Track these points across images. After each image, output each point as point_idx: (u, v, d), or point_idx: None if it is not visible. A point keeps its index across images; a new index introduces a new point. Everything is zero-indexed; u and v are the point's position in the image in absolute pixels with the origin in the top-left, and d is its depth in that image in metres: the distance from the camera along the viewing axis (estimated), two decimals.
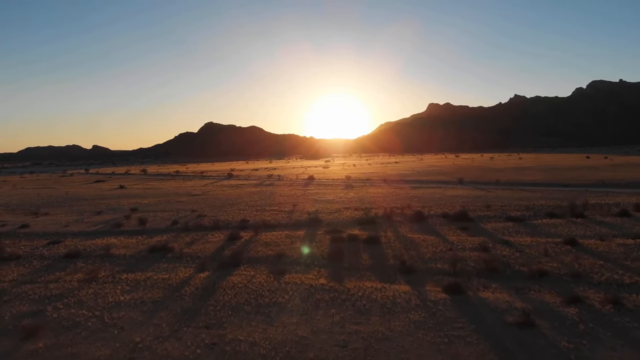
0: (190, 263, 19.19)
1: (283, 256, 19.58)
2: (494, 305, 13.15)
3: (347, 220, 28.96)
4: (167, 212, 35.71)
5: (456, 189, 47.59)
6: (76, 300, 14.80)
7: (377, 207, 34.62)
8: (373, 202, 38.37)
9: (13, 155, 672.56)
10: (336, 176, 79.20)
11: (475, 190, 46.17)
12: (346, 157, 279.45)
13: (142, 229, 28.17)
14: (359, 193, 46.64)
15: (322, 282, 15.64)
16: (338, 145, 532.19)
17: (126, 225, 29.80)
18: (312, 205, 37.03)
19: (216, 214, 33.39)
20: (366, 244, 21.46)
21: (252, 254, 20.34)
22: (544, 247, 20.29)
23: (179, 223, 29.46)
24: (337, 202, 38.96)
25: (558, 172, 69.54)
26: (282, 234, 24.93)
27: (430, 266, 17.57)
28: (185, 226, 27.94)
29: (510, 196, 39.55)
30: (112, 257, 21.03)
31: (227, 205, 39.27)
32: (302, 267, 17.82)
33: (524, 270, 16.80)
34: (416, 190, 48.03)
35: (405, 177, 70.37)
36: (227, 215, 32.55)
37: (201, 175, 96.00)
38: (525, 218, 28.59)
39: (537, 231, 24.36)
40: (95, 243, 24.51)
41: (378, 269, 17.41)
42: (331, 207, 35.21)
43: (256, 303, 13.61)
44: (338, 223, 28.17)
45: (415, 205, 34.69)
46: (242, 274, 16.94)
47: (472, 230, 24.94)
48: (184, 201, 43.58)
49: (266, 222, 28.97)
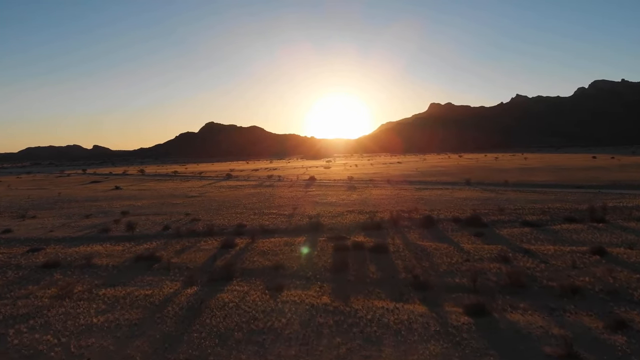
0: (178, 275, 17.24)
1: (281, 268, 17.61)
2: (527, 331, 11.18)
3: (351, 225, 26.99)
4: (160, 216, 33.78)
5: (464, 191, 45.60)
6: (43, 322, 12.86)
7: (382, 210, 32.65)
8: (377, 204, 36.40)
9: (13, 155, 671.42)
10: (338, 177, 77.24)
11: (484, 192, 44.18)
12: (347, 157, 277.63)
13: (130, 235, 26.23)
14: (362, 195, 44.67)
15: (324, 300, 13.67)
16: (339, 145, 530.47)
17: (114, 231, 27.85)
18: (313, 208, 35.07)
19: (211, 218, 31.44)
20: (373, 253, 19.48)
21: (247, 264, 18.38)
22: (570, 257, 18.31)
23: (170, 228, 27.52)
24: (340, 205, 37.00)
25: (567, 173, 67.50)
26: (280, 240, 22.97)
27: (447, 280, 15.60)
28: (177, 232, 26.00)
29: (522, 198, 37.55)
30: (93, 268, 19.08)
31: (223, 208, 37.32)
32: (302, 282, 15.86)
33: (554, 286, 14.84)
34: (422, 191, 46.04)
35: (409, 177, 68.37)
36: (223, 220, 30.60)
37: (200, 176, 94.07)
38: (542, 223, 26.61)
39: (559, 238, 22.37)
40: (78, 251, 22.58)
41: (388, 283, 15.44)
42: (333, 210, 33.24)
43: (248, 328, 11.63)
44: (341, 228, 26.21)
45: (422, 208, 32.71)
46: (235, 290, 14.98)
47: (488, 236, 22.96)
48: (179, 203, 41.65)
49: (264, 227, 27.01)
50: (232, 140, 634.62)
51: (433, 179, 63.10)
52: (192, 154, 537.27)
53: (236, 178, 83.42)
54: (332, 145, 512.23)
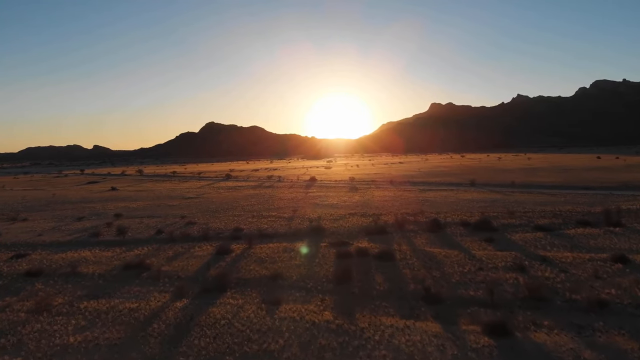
0: (168, 286, 15.92)
1: (279, 277, 16.29)
2: (556, 356, 9.85)
3: (354, 229, 25.66)
4: (154, 219, 32.46)
5: (470, 192, 44.23)
6: (15, 342, 11.54)
7: (386, 213, 31.32)
8: (381, 207, 35.06)
9: (13, 155, 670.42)
10: (339, 177, 75.90)
11: (490, 193, 42.81)
12: (348, 157, 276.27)
13: (121, 240, 24.92)
14: (364, 196, 43.32)
15: (327, 317, 12.34)
16: (340, 146, 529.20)
17: (105, 235, 26.53)
18: (313, 211, 33.74)
19: (207, 221, 30.12)
20: (379, 261, 18.15)
21: (242, 273, 17.05)
22: (591, 266, 16.98)
23: (164, 232, 26.19)
24: (342, 207, 35.67)
25: (574, 174, 66.11)
26: (279, 246, 21.64)
27: (461, 293, 14.27)
28: (170, 236, 24.68)
29: (531, 200, 36.19)
30: (78, 277, 17.78)
31: (221, 210, 36.00)
32: (302, 294, 14.54)
33: (578, 300, 13.51)
34: (426, 193, 44.67)
35: (412, 178, 67.00)
36: (220, 223, 29.27)
37: (198, 177, 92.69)
38: (555, 227, 25.27)
39: (575, 244, 21.02)
40: (65, 257, 21.27)
41: (396, 296, 14.11)
42: (335, 213, 31.91)
43: (241, 351, 10.30)
44: (344, 232, 24.88)
45: (428, 211, 31.37)
46: (228, 304, 13.66)
47: (499, 242, 21.62)
48: (176, 205, 40.33)
49: (262, 231, 25.68)
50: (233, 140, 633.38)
51: (436, 180, 61.75)
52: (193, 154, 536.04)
53: (235, 179, 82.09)
54: (332, 145, 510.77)
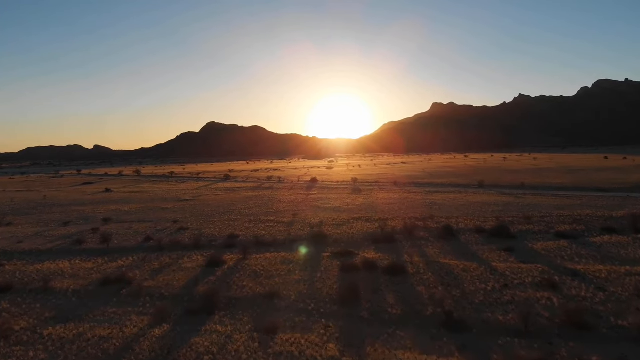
0: (148, 306, 13.86)
1: (276, 296, 14.23)
2: None
3: (359, 236, 23.58)
4: (145, 223, 30.41)
5: (479, 194, 42.08)
6: None
7: (392, 217, 29.21)
8: (387, 210, 32.95)
9: (14, 155, 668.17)
10: (341, 178, 73.69)
11: (501, 195, 40.65)
12: (350, 157, 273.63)
13: (105, 248, 22.85)
14: (368, 198, 41.19)
15: (331, 352, 10.26)
16: (341, 145, 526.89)
17: (90, 242, 24.46)
18: (315, 215, 31.65)
19: (201, 226, 28.05)
20: (389, 276, 16.06)
21: (234, 291, 14.98)
22: (630, 281, 14.90)
23: (152, 239, 24.13)
24: (345, 210, 33.58)
25: (583, 174, 63.89)
26: (277, 256, 19.56)
27: (487, 317, 12.19)
28: (158, 244, 22.63)
29: (546, 204, 34.05)
30: (49, 294, 15.73)
31: (216, 214, 33.91)
32: (301, 318, 12.46)
33: (625, 326, 11.46)
34: (433, 195, 42.53)
35: (417, 179, 64.74)
36: (214, 228, 27.20)
37: (197, 177, 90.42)
38: (578, 234, 23.15)
39: (605, 254, 18.92)
40: (41, 269, 19.22)
41: (412, 322, 12.03)
42: (338, 218, 29.81)
43: None
44: (348, 240, 22.81)
45: (438, 215, 29.25)
46: (215, 331, 11.59)
47: (520, 252, 19.53)
48: (169, 208, 38.27)
49: (259, 238, 23.60)
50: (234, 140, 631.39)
51: (443, 181, 59.51)
52: (193, 154, 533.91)
53: (234, 179, 79.92)
54: (333, 145, 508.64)
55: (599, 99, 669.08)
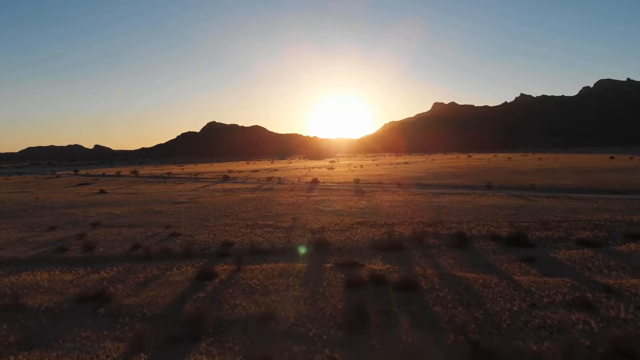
0: (127, 330, 12.11)
1: (272, 318, 12.46)
2: None
3: (364, 244, 21.81)
4: (135, 228, 28.66)
5: (488, 197, 40.28)
6: None
7: (399, 222, 27.43)
8: (392, 214, 31.19)
9: (14, 155, 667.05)
10: (343, 179, 71.94)
11: (511, 198, 38.84)
12: (351, 157, 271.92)
13: (89, 257, 21.10)
14: (372, 201, 39.42)
15: None
16: (342, 145, 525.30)
17: (73, 250, 22.69)
18: (316, 219, 29.90)
19: (194, 232, 26.29)
20: (400, 292, 14.28)
21: (225, 311, 13.23)
22: None
23: (141, 247, 22.38)
24: (348, 214, 31.83)
25: (592, 175, 62.07)
26: (275, 267, 17.80)
27: (518, 345, 10.42)
28: (147, 252, 20.88)
29: (560, 207, 32.26)
30: (19, 312, 14.00)
31: (212, 218, 32.16)
32: (301, 347, 10.70)
33: None
34: (440, 197, 40.75)
35: (421, 180, 62.95)
36: (208, 234, 25.43)
37: (195, 178, 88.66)
38: (601, 242, 21.36)
39: (635, 266, 17.13)
40: (16, 281, 17.48)
41: (432, 353, 10.25)
42: (341, 222, 28.04)
43: None
44: (352, 248, 21.04)
45: (447, 220, 27.46)
46: None
47: (542, 263, 17.76)
48: (163, 212, 36.53)
49: (256, 245, 21.85)
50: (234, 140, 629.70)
51: (447, 182, 57.71)
52: (194, 154, 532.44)
53: (233, 180, 78.17)
54: (334, 145, 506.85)
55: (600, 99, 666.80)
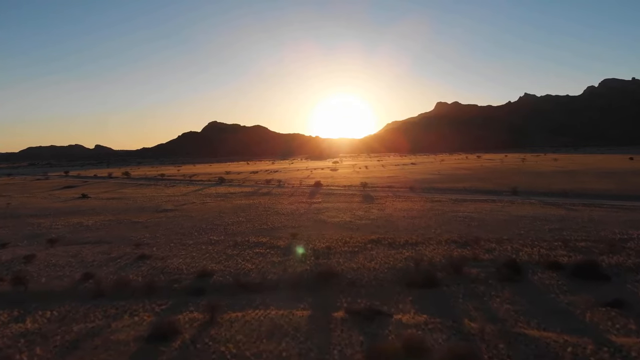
0: None
1: None
2: None
3: (385, 275, 16.63)
4: (100, 246, 23.53)
5: (518, 205, 34.98)
6: None
7: (423, 240, 22.19)
8: (411, 228, 25.96)
9: (14, 155, 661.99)
10: (348, 181, 66.63)
11: (546, 206, 33.51)
12: (354, 158, 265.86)
13: (22, 293, 15.95)
14: (384, 209, 34.19)
15: None
16: (344, 145, 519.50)
17: (6, 282, 17.50)
18: (320, 234, 24.72)
19: (168, 254, 21.12)
20: None
21: None
22: None
23: (93, 278, 17.24)
24: (358, 228, 26.65)
25: (621, 178, 56.57)
26: (263, 319, 12.60)
27: None
28: (97, 287, 15.79)
29: (611, 219, 26.97)
30: None
31: (195, 232, 26.98)
32: None
33: None
34: (463, 205, 35.48)
35: (434, 183, 57.49)
36: (184, 258, 20.25)
37: (189, 180, 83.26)
38: None
39: None
40: None
41: None
42: (351, 240, 22.82)
43: None
44: (369, 282, 15.87)
45: (483, 236, 22.19)
46: None
47: (636, 309, 12.57)
48: (141, 223, 31.40)
49: (241, 277, 16.70)
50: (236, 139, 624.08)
51: (464, 185, 52.29)
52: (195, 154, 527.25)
53: (229, 183, 72.86)
54: (337, 144, 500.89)
55: (606, 98, 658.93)
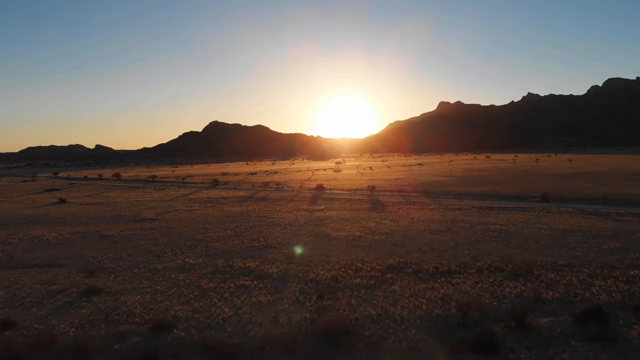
0: None
1: None
2: None
3: (417, 327, 11.58)
4: (45, 273, 18.49)
5: (555, 214, 29.82)
6: None
7: (457, 265, 17.08)
8: (438, 246, 20.85)
9: (14, 155, 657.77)
10: (353, 184, 61.50)
11: (590, 217, 28.31)
12: (358, 158, 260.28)
13: None
14: (399, 220, 29.06)
15: None
16: (346, 145, 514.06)
17: None
18: (324, 256, 19.66)
19: (126, 287, 16.05)
20: None
21: None
22: None
23: (14, 327, 12.19)
24: (371, 246, 21.57)
25: None
26: None
27: None
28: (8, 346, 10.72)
29: None
30: None
31: (169, 251, 21.89)
32: None
33: None
34: (490, 214, 30.35)
35: (448, 187, 52.25)
36: (144, 293, 15.19)
37: (182, 182, 78.10)
38: None
39: None
40: None
41: None
42: (363, 266, 17.72)
43: None
44: (398, 341, 10.82)
45: (531, 259, 17.03)
46: None
47: None
48: (111, 237, 26.36)
49: (212, 332, 11.66)
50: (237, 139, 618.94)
51: (483, 190, 47.03)
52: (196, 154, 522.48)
53: (224, 185, 67.72)
54: (338, 144, 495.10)
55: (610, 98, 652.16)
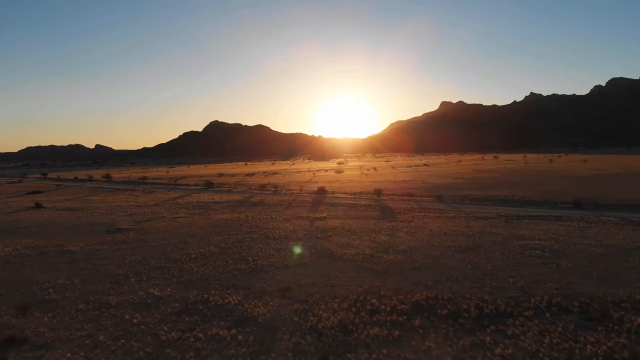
0: None
1: None
2: None
3: None
4: None
5: (598, 225, 25.33)
6: None
7: (506, 303, 12.71)
8: (473, 273, 16.44)
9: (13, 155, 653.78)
10: (356, 186, 57.05)
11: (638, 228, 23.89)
12: (360, 158, 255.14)
13: None
14: (416, 232, 24.61)
15: None
16: (347, 145, 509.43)
17: None
18: (328, 285, 15.32)
19: (59, 335, 11.67)
20: None
21: None
22: None
23: None
24: (386, 271, 17.19)
25: None
26: None
27: None
28: None
29: None
30: None
31: (134, 275, 17.50)
32: None
33: None
34: (522, 225, 25.89)
35: (463, 190, 47.62)
36: (78, 350, 10.81)
37: (173, 185, 73.53)
38: None
39: None
40: None
41: None
42: (381, 303, 13.39)
43: None
44: None
45: (597, 292, 12.58)
46: None
47: None
48: (72, 253, 22.00)
49: None
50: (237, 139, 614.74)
51: (502, 194, 42.42)
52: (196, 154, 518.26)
53: (218, 188, 63.21)
54: (340, 144, 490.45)
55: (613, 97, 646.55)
